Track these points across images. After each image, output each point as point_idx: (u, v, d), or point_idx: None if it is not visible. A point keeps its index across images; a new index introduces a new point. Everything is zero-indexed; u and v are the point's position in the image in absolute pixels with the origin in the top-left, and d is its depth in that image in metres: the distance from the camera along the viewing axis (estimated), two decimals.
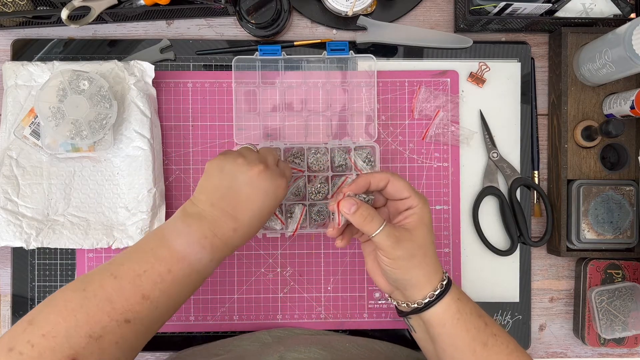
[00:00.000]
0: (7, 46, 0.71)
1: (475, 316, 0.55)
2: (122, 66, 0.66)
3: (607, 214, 0.68)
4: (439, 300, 0.54)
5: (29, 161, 0.66)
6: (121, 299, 0.48)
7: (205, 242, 0.52)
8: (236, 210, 0.53)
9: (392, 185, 0.56)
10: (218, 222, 0.53)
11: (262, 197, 0.54)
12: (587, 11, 0.69)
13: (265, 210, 0.54)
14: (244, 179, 0.53)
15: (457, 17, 0.72)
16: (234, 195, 0.53)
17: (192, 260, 0.51)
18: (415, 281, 0.54)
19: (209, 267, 0.53)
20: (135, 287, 0.49)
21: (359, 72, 0.71)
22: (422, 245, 0.54)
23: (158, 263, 0.50)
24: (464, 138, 0.71)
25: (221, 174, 0.54)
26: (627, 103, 0.64)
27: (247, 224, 0.54)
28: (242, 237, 0.54)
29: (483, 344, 0.53)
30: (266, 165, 0.54)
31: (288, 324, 0.70)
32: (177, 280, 0.51)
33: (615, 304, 0.68)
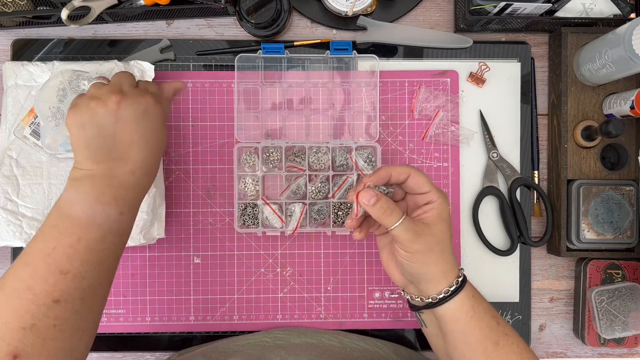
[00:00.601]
0: (7, 46, 0.71)
1: (489, 315, 0.55)
2: (122, 66, 0.66)
3: (607, 214, 0.68)
4: (454, 297, 0.54)
5: (29, 161, 0.66)
6: (40, 283, 0.47)
7: (107, 198, 0.49)
8: (121, 153, 0.51)
9: (413, 179, 0.55)
10: (110, 173, 0.50)
11: (135, 126, 0.51)
12: (587, 11, 0.69)
13: (150, 136, 0.51)
14: (108, 119, 0.50)
15: (457, 17, 0.72)
16: (109, 139, 0.50)
17: (99, 221, 0.49)
18: (432, 276, 0.54)
19: (123, 222, 0.51)
20: (49, 265, 0.47)
21: (359, 72, 0.71)
22: (441, 240, 0.54)
23: (64, 235, 0.48)
24: (464, 138, 0.71)
25: (85, 127, 0.51)
26: (627, 103, 0.64)
27: (141, 160, 0.51)
28: (145, 175, 0.52)
29: (494, 342, 0.54)
30: (121, 93, 0.51)
31: (288, 324, 0.70)
32: (92, 245, 0.48)
33: (615, 304, 0.68)
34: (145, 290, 0.70)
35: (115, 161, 0.50)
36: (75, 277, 0.47)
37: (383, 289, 0.71)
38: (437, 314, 0.55)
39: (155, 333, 0.70)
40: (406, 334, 0.71)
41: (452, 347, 0.55)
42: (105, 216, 0.49)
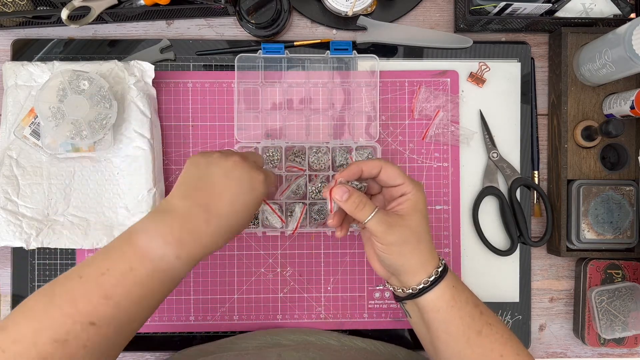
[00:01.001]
0: (7, 46, 0.71)
1: (471, 305, 0.55)
2: (122, 66, 0.66)
3: (607, 214, 0.68)
4: (434, 287, 0.54)
5: (29, 161, 0.66)
6: (84, 301, 0.47)
7: (171, 238, 0.49)
8: (209, 201, 0.51)
9: (385, 172, 0.55)
10: (188, 215, 0.50)
11: (236, 187, 0.51)
12: (587, 11, 0.69)
13: (241, 202, 0.52)
14: (218, 170, 0.52)
15: (457, 17, 0.72)
16: (207, 185, 0.51)
17: (154, 258, 0.48)
18: (409, 267, 0.54)
19: (176, 267, 0.49)
20: (98, 286, 0.47)
21: (359, 72, 0.71)
22: (416, 231, 0.54)
23: (121, 260, 0.48)
24: (464, 138, 0.71)
25: (196, 167, 0.52)
26: (627, 103, 0.64)
27: (220, 216, 0.51)
28: (216, 233, 0.51)
29: (477, 332, 0.54)
30: (243, 157, 0.53)
31: (288, 324, 0.70)
32: (139, 279, 0.48)
33: (615, 304, 0.68)
34: None
35: (199, 206, 0.50)
36: (116, 306, 0.47)
37: (383, 289, 0.71)
38: (419, 304, 0.56)
39: (155, 333, 0.70)
40: (406, 334, 0.71)
41: (435, 336, 0.55)
42: (161, 254, 0.49)
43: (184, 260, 0.50)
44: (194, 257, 0.50)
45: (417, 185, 0.55)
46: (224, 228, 0.51)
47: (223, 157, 0.52)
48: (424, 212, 0.55)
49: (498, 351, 0.53)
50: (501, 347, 0.53)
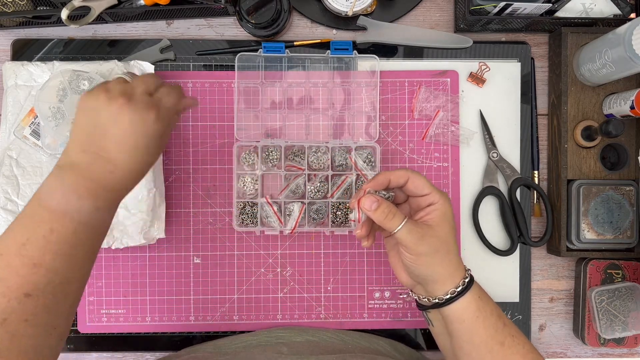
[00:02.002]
0: (7, 46, 0.71)
1: (495, 316, 0.55)
2: (122, 66, 0.66)
3: (607, 214, 0.68)
4: (460, 297, 0.54)
5: (29, 161, 0.66)
6: (13, 275, 0.45)
7: (82, 190, 0.48)
8: (107, 151, 0.50)
9: (412, 182, 0.55)
10: (92, 166, 0.49)
11: (129, 132, 0.50)
12: (587, 11, 0.69)
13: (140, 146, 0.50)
14: (106, 115, 0.50)
15: (457, 17, 0.72)
16: (101, 134, 0.50)
17: (73, 214, 0.47)
18: (438, 277, 0.54)
19: (97, 217, 0.49)
20: (22, 257, 0.46)
21: (359, 72, 0.71)
22: (445, 241, 0.54)
23: (38, 226, 0.47)
24: (464, 138, 0.71)
25: (86, 114, 0.51)
26: (627, 103, 0.64)
27: (124, 163, 0.50)
28: (124, 178, 0.51)
29: (500, 343, 0.54)
30: (129, 97, 0.51)
31: (288, 324, 0.70)
32: (65, 238, 0.47)
33: (615, 304, 0.68)
34: (145, 290, 0.70)
35: (99, 156, 0.50)
36: (48, 271, 0.46)
37: (383, 289, 0.71)
38: (444, 314, 0.55)
39: (155, 333, 0.70)
40: (406, 334, 0.71)
41: (458, 346, 0.55)
42: (78, 207, 0.48)
43: (103, 209, 0.50)
44: (112, 203, 0.51)
45: (444, 196, 0.55)
46: (131, 172, 0.51)
47: (108, 101, 0.50)
48: (452, 222, 0.55)
49: None
50: (521, 358, 0.54)
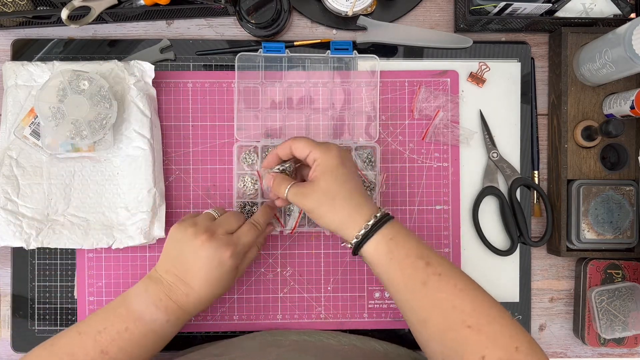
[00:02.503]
0: (7, 46, 0.71)
1: (413, 257, 0.55)
2: (122, 66, 0.66)
3: (607, 214, 0.68)
4: (368, 240, 0.56)
5: (29, 161, 0.66)
6: (82, 354, 0.54)
7: (160, 304, 0.57)
8: (186, 277, 0.58)
9: (295, 148, 0.59)
10: (172, 287, 0.58)
11: (206, 266, 0.57)
12: (587, 11, 0.69)
13: (214, 278, 0.57)
14: (189, 248, 0.57)
15: (457, 17, 0.72)
16: (183, 262, 0.58)
17: (147, 320, 0.56)
18: (336, 225, 0.57)
19: (166, 328, 0.57)
20: (96, 342, 0.54)
21: (359, 72, 0.71)
22: (327, 191, 0.56)
23: (117, 321, 0.56)
24: (464, 138, 0.71)
25: (174, 242, 0.59)
26: (627, 103, 0.64)
27: (198, 291, 0.58)
28: (197, 302, 0.58)
29: (422, 282, 0.54)
30: (211, 235, 0.58)
31: (288, 324, 0.70)
32: (134, 338, 0.56)
33: (615, 304, 0.68)
34: None
35: (179, 281, 0.58)
36: None
37: (383, 289, 0.71)
38: (363, 257, 0.58)
39: None
40: (406, 334, 0.71)
41: (385, 286, 0.57)
42: (154, 318, 0.57)
43: (172, 323, 0.58)
44: (181, 320, 0.59)
45: (326, 149, 0.57)
46: (202, 298, 0.58)
47: (193, 236, 0.57)
48: (335, 172, 0.57)
49: (449, 301, 0.52)
50: (453, 297, 0.52)
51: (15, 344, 0.69)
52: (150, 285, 0.58)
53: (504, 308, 0.53)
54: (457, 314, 0.51)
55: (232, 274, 0.59)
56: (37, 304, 0.69)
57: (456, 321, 0.51)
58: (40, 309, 0.69)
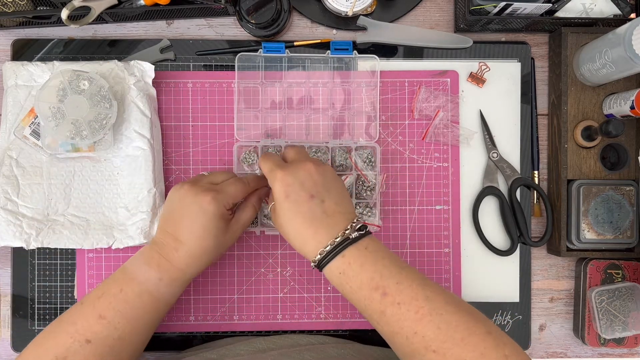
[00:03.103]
0: (7, 46, 0.71)
1: (366, 289, 0.53)
2: (122, 66, 0.66)
3: (607, 214, 0.68)
4: (322, 269, 0.56)
5: (29, 161, 0.66)
6: (82, 320, 0.55)
7: (152, 262, 0.57)
8: (175, 231, 0.58)
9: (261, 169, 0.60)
10: (164, 244, 0.58)
11: (189, 214, 0.57)
12: (587, 11, 0.69)
13: (198, 227, 0.57)
14: (177, 200, 0.59)
15: (457, 17, 0.72)
16: (172, 217, 0.59)
17: (141, 280, 0.56)
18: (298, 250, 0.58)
19: (160, 288, 0.57)
20: (94, 308, 0.55)
21: (359, 72, 0.71)
22: (279, 225, 0.58)
23: (113, 284, 0.57)
24: (464, 138, 0.71)
25: (167, 202, 0.61)
26: (627, 103, 0.64)
27: (186, 243, 0.57)
28: (187, 257, 0.57)
29: (380, 312, 0.53)
30: (192, 183, 0.59)
31: (288, 324, 0.70)
32: (129, 299, 0.56)
33: (615, 304, 0.68)
34: None
35: (170, 236, 0.58)
36: (109, 324, 0.55)
37: None
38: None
39: (155, 333, 0.70)
40: None
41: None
42: (147, 277, 0.57)
43: (166, 281, 0.57)
44: (175, 279, 0.58)
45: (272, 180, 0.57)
46: (192, 251, 0.58)
47: (178, 188, 0.59)
48: (278, 207, 0.57)
49: (410, 328, 0.51)
50: (414, 323, 0.51)
51: (15, 344, 0.69)
52: (147, 247, 0.59)
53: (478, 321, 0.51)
54: (419, 339, 0.50)
55: (219, 223, 0.58)
56: (37, 304, 0.69)
57: (419, 347, 0.50)
58: (40, 309, 0.69)
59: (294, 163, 0.58)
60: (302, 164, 0.57)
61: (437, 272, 0.71)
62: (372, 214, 0.68)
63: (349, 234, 0.55)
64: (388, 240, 0.71)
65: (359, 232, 0.56)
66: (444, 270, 0.71)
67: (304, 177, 0.56)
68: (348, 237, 0.55)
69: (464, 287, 0.71)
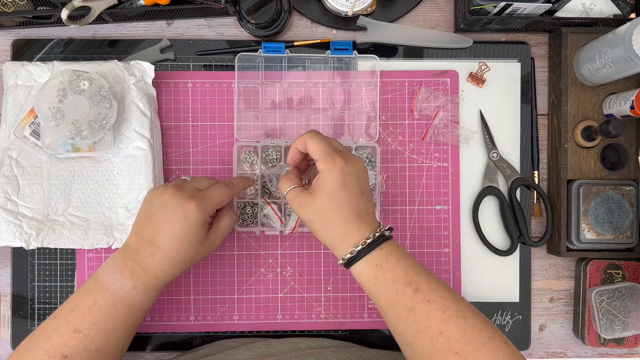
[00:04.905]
0: (7, 46, 0.71)
1: (400, 283, 0.53)
2: (122, 66, 0.66)
3: (607, 214, 0.68)
4: (353, 264, 0.55)
5: (29, 161, 0.66)
6: (57, 335, 0.53)
7: (125, 270, 0.55)
8: (153, 236, 0.55)
9: (308, 147, 0.57)
10: (138, 249, 0.56)
11: (170, 218, 0.55)
12: (587, 11, 0.69)
13: (178, 232, 0.55)
14: (158, 204, 0.56)
15: (457, 17, 0.72)
16: (151, 221, 0.56)
17: (114, 290, 0.54)
18: (329, 243, 0.57)
19: (135, 297, 0.55)
20: (68, 322, 0.53)
21: (359, 72, 0.71)
22: (319, 210, 0.55)
23: (86, 296, 0.55)
24: (464, 138, 0.71)
25: (144, 204, 0.58)
26: (627, 103, 0.64)
27: (163, 248, 0.55)
28: (163, 263, 0.55)
29: (409, 309, 0.52)
30: (177, 188, 0.56)
31: (288, 324, 0.70)
32: (103, 310, 0.54)
33: (615, 304, 0.68)
34: None
35: (145, 241, 0.56)
36: (85, 338, 0.53)
37: None
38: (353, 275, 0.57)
39: (155, 333, 0.70)
40: None
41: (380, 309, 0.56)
42: (119, 285, 0.54)
43: (140, 289, 0.55)
44: (150, 287, 0.56)
45: (332, 165, 0.55)
46: (169, 258, 0.55)
47: (161, 193, 0.56)
48: (331, 193, 0.54)
49: (437, 327, 0.51)
50: (441, 323, 0.51)
51: (15, 344, 0.69)
52: (119, 253, 0.56)
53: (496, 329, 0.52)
54: (444, 340, 0.50)
55: (200, 231, 0.56)
56: (37, 304, 0.69)
57: (443, 348, 0.50)
58: (40, 309, 0.69)
59: (347, 154, 0.57)
60: (356, 158, 0.57)
61: (437, 272, 0.71)
62: None
63: (383, 232, 0.56)
64: None
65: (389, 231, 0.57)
66: (444, 270, 0.71)
67: (360, 171, 0.56)
68: (383, 233, 0.56)
69: (464, 287, 0.71)
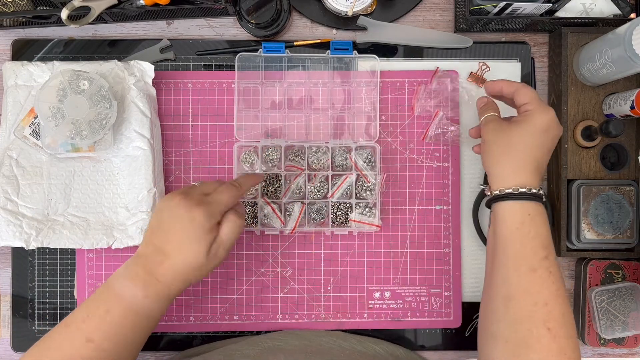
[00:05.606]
0: (7, 46, 0.71)
1: (538, 243, 0.54)
2: (122, 66, 0.66)
3: (607, 214, 0.68)
4: (506, 200, 0.56)
5: (29, 161, 0.66)
6: (68, 345, 0.52)
7: (137, 279, 0.54)
8: (163, 243, 0.55)
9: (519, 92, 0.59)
10: (149, 257, 0.55)
11: (178, 225, 0.55)
12: (587, 11, 0.69)
13: (186, 238, 0.54)
14: (167, 212, 0.56)
15: (457, 17, 0.72)
16: (160, 229, 0.56)
17: (126, 298, 0.53)
18: (493, 171, 0.58)
19: (146, 306, 0.54)
20: (80, 331, 0.53)
21: (359, 72, 0.71)
22: (511, 142, 0.57)
23: (99, 305, 0.54)
24: (464, 138, 0.71)
25: (155, 213, 0.57)
26: (627, 103, 0.64)
27: (172, 255, 0.54)
28: (172, 271, 0.54)
29: (531, 268, 0.53)
30: (184, 195, 0.56)
31: (288, 324, 0.70)
32: (115, 320, 0.53)
33: (615, 304, 0.68)
34: None
35: (156, 249, 0.55)
36: (98, 347, 0.52)
37: (383, 289, 0.71)
38: (493, 210, 0.57)
39: (155, 333, 0.70)
40: (406, 334, 0.71)
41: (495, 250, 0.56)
42: (132, 294, 0.54)
43: (152, 298, 0.54)
44: (161, 295, 0.55)
45: (545, 108, 0.57)
46: (178, 265, 0.55)
47: (169, 199, 0.56)
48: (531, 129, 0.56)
49: (545, 297, 0.52)
50: (550, 296, 0.52)
51: (15, 344, 0.69)
52: (131, 261, 0.56)
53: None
54: (545, 312, 0.52)
55: (208, 237, 0.55)
56: (37, 304, 0.69)
57: (539, 318, 0.51)
58: (40, 309, 0.69)
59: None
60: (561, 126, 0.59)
61: (437, 272, 0.71)
62: (372, 214, 0.68)
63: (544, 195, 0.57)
64: (388, 240, 0.71)
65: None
66: (444, 270, 0.71)
67: (558, 137, 0.58)
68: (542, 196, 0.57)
69: (464, 287, 0.71)
